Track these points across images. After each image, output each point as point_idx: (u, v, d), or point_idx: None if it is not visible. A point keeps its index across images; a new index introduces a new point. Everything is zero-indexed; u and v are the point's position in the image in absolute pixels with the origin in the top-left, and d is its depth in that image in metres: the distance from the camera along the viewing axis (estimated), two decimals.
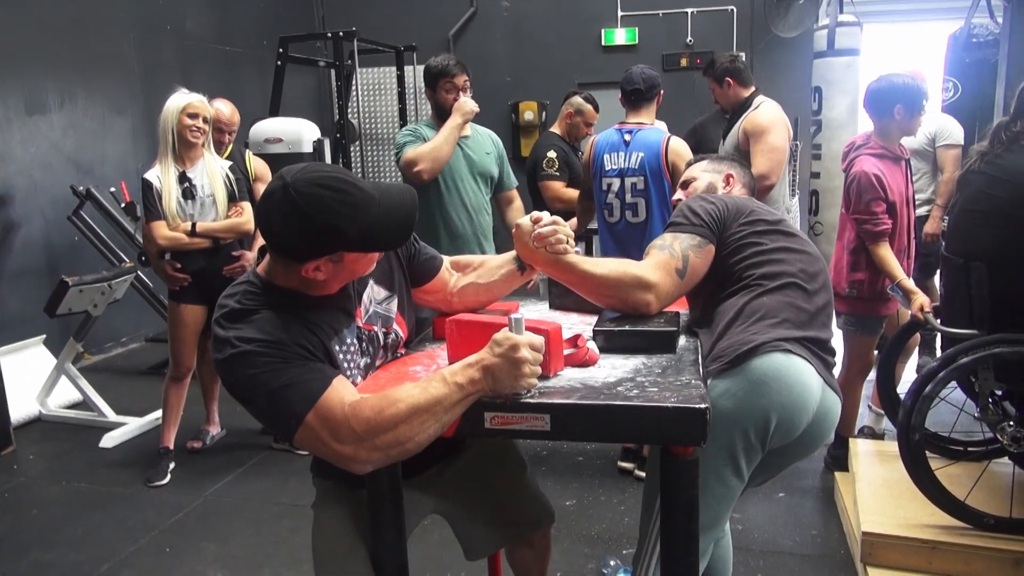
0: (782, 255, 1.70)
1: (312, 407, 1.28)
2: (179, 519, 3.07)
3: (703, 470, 1.48)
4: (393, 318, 1.60)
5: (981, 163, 2.34)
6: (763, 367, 1.54)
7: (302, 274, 1.36)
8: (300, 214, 1.28)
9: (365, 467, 1.29)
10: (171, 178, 3.23)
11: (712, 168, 2.07)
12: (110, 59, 5.58)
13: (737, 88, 3.55)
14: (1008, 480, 2.49)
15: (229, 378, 1.33)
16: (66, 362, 4.10)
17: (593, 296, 1.66)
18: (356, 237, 1.31)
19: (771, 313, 1.61)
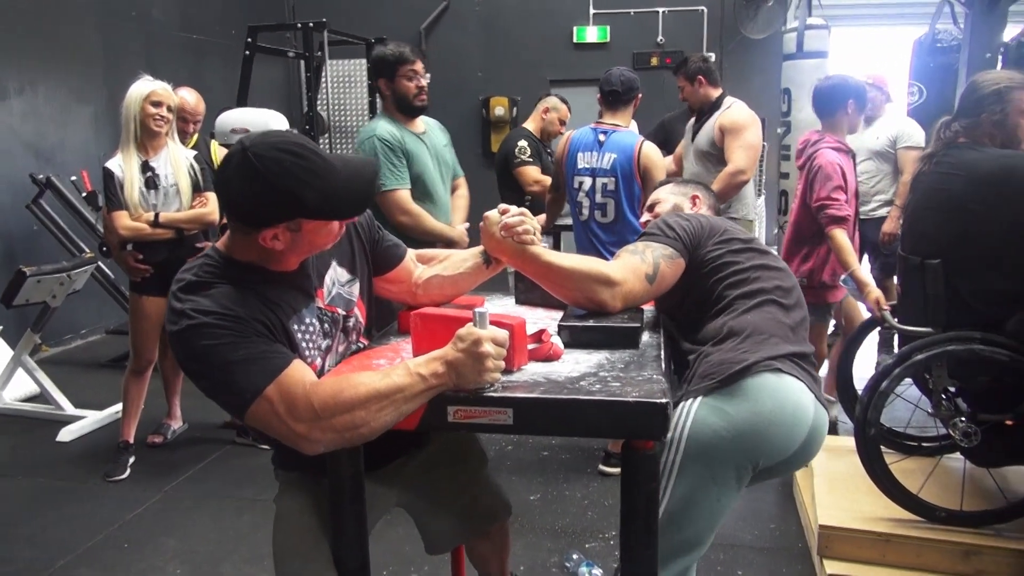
0: (759, 272, 1.74)
1: (272, 381, 1.26)
2: (138, 514, 3.03)
3: (692, 486, 1.55)
4: (354, 302, 1.59)
5: (930, 164, 2.40)
6: (756, 387, 1.55)
7: (259, 242, 1.33)
8: (259, 177, 1.26)
9: (316, 447, 1.28)
10: (133, 167, 3.17)
11: (678, 191, 2.12)
12: (72, 45, 5.46)
13: (707, 88, 3.60)
14: (959, 475, 2.56)
15: (183, 350, 1.30)
16: (23, 354, 4.01)
17: (557, 290, 1.66)
18: (314, 203, 1.29)
19: (757, 331, 1.63)
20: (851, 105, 3.12)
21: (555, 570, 2.60)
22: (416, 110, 3.01)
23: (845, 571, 2.39)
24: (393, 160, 2.89)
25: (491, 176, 4.43)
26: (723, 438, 1.54)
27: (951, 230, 2.31)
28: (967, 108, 2.36)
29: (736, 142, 3.38)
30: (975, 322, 2.31)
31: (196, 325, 1.28)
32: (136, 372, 3.40)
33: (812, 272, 3.13)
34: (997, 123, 2.29)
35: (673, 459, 1.56)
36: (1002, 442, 2.43)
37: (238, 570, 2.64)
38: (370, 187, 1.38)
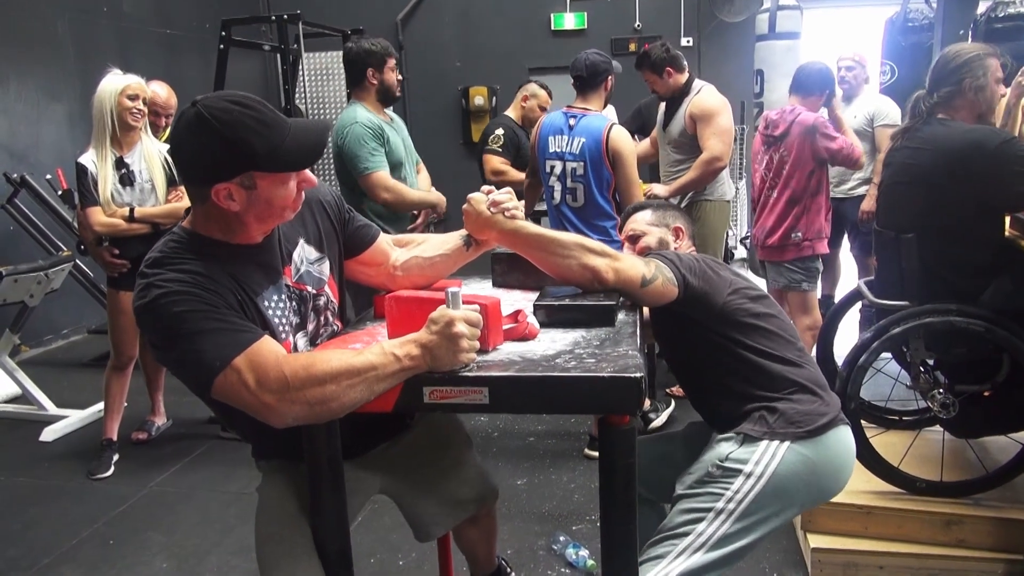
0: (775, 323, 1.78)
1: (242, 351, 1.25)
2: (123, 511, 3.01)
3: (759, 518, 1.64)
4: (325, 281, 1.58)
5: (903, 139, 2.42)
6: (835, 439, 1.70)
7: (214, 201, 1.31)
8: (208, 128, 1.26)
9: (285, 420, 1.26)
10: (107, 163, 3.13)
11: (658, 220, 2.03)
12: (43, 41, 5.38)
13: (677, 76, 3.58)
14: (939, 447, 2.59)
15: (152, 320, 1.28)
16: (2, 355, 3.97)
17: (548, 260, 1.63)
18: (264, 152, 1.28)
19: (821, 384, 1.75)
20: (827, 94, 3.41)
21: (542, 553, 2.61)
22: (395, 100, 3.26)
23: (829, 544, 2.41)
24: (374, 144, 3.07)
25: (472, 165, 4.43)
26: (804, 482, 1.67)
27: (922, 204, 2.33)
28: (944, 78, 2.36)
29: (709, 129, 3.38)
30: (951, 294, 2.33)
31: (165, 293, 1.27)
32: (117, 369, 3.38)
33: (807, 225, 3.37)
34: (979, 88, 2.31)
35: (750, 490, 1.64)
36: (980, 412, 2.46)
37: (225, 562, 2.64)
38: (320, 139, 1.36)
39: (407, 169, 3.24)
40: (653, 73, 3.60)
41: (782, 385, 1.73)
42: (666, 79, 3.58)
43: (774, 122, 3.46)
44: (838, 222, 4.44)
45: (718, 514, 1.64)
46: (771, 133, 3.47)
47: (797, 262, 3.40)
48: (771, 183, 3.50)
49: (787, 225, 3.36)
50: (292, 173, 1.36)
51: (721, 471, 1.66)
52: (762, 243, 3.56)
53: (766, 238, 3.50)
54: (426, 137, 6.22)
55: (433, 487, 1.81)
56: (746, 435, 1.68)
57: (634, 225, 2.04)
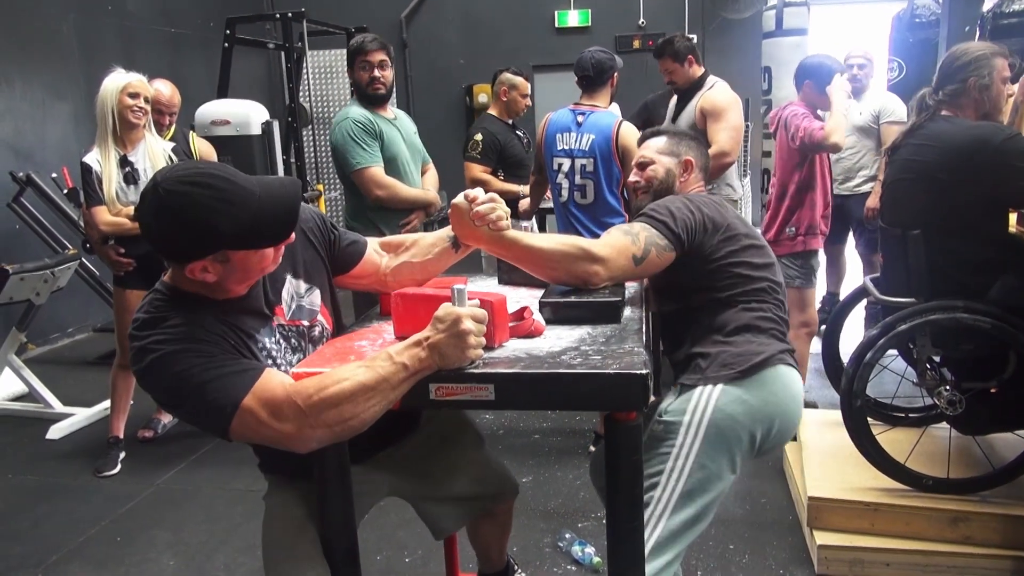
0: (761, 271, 1.78)
1: (249, 391, 1.25)
2: (130, 508, 3.02)
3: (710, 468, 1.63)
4: (317, 311, 1.56)
5: (907, 136, 2.41)
6: (772, 378, 1.69)
7: (187, 276, 1.30)
8: (170, 213, 1.23)
9: (309, 445, 1.27)
10: (111, 162, 3.14)
11: (671, 150, 1.97)
12: (48, 41, 5.40)
13: (696, 67, 3.57)
14: (945, 444, 2.58)
15: (154, 384, 1.28)
16: (9, 353, 3.98)
17: (538, 270, 1.65)
18: (232, 234, 1.25)
19: (768, 326, 1.75)
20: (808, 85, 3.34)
21: (548, 550, 2.61)
22: (371, 98, 3.15)
23: (835, 541, 2.41)
24: (366, 140, 3.06)
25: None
26: (742, 424, 1.65)
27: (927, 201, 2.32)
28: (950, 75, 2.36)
29: (719, 124, 3.37)
30: (957, 291, 2.32)
31: (161, 356, 1.26)
32: (123, 367, 3.38)
33: (799, 220, 3.33)
34: (984, 87, 2.31)
35: (692, 441, 1.64)
36: (986, 409, 2.45)
37: (231, 560, 2.64)
38: (292, 207, 1.31)
39: (406, 166, 3.21)
40: (675, 61, 3.55)
41: (725, 329, 1.72)
42: (686, 68, 3.55)
43: (771, 119, 3.51)
44: (843, 219, 4.43)
45: (670, 475, 1.63)
46: (769, 130, 3.53)
47: (791, 258, 3.36)
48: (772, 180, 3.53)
49: (781, 220, 3.36)
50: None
51: (663, 427, 1.67)
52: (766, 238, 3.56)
53: (764, 233, 3.49)
54: (430, 135, 6.19)
55: (444, 487, 1.81)
56: (682, 385, 1.70)
57: (645, 151, 1.99)
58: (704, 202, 1.81)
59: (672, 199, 1.81)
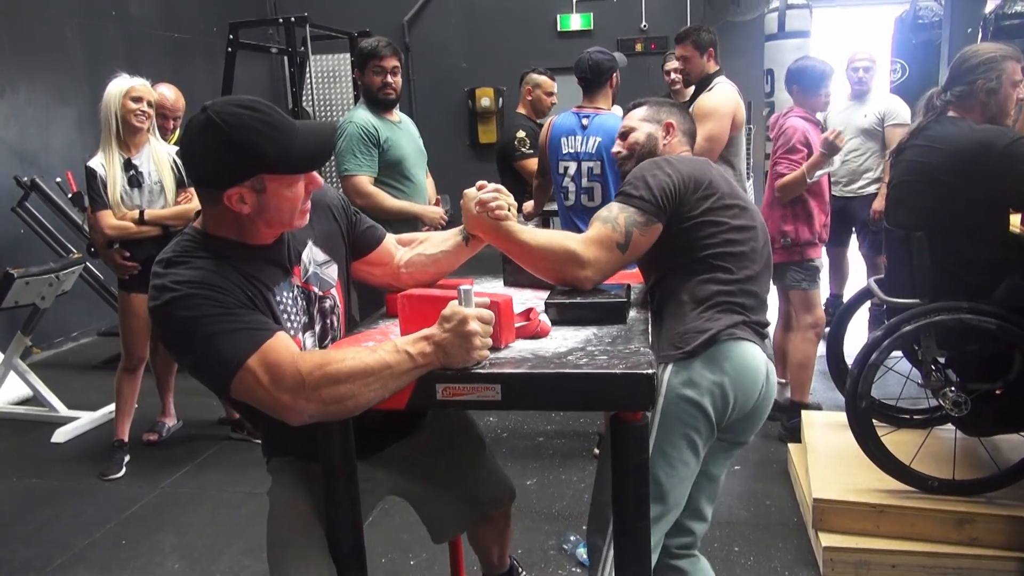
0: (737, 235, 1.70)
1: (256, 350, 1.26)
2: (135, 511, 3.03)
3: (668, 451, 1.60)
4: (332, 284, 1.59)
5: (912, 137, 2.41)
6: (724, 354, 1.62)
7: (226, 205, 1.33)
8: (218, 132, 1.28)
9: (301, 417, 1.27)
10: (116, 166, 3.15)
11: (652, 116, 1.95)
12: (53, 46, 5.42)
13: (712, 63, 3.47)
14: (951, 445, 2.58)
15: (166, 323, 1.29)
16: (14, 357, 3.99)
17: (531, 267, 1.68)
18: (274, 155, 1.30)
19: (725, 299, 1.66)
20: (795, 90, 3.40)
21: (553, 553, 2.61)
22: (381, 103, 3.17)
23: (840, 543, 2.40)
24: (361, 147, 3.06)
25: (479, 166, 4.43)
26: (695, 404, 1.60)
27: (932, 202, 2.32)
28: (958, 77, 2.36)
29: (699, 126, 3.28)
30: (962, 292, 2.32)
31: (179, 297, 1.28)
32: (128, 370, 3.39)
33: (796, 230, 3.31)
34: (991, 91, 2.30)
35: (651, 426, 1.61)
36: (992, 411, 2.45)
37: (236, 563, 2.64)
38: (328, 141, 1.40)
39: (413, 169, 3.23)
40: (696, 50, 3.43)
41: (683, 304, 1.67)
42: (706, 60, 3.44)
43: (771, 123, 3.52)
44: (846, 221, 4.43)
45: None
46: (770, 134, 3.52)
47: (792, 265, 3.36)
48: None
49: (775, 228, 3.31)
50: (301, 175, 1.38)
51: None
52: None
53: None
54: (433, 138, 6.21)
55: (446, 488, 1.81)
56: None
57: (627, 121, 1.98)
58: (683, 160, 1.76)
59: (647, 164, 1.75)
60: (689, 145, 1.97)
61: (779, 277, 3.43)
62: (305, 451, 1.37)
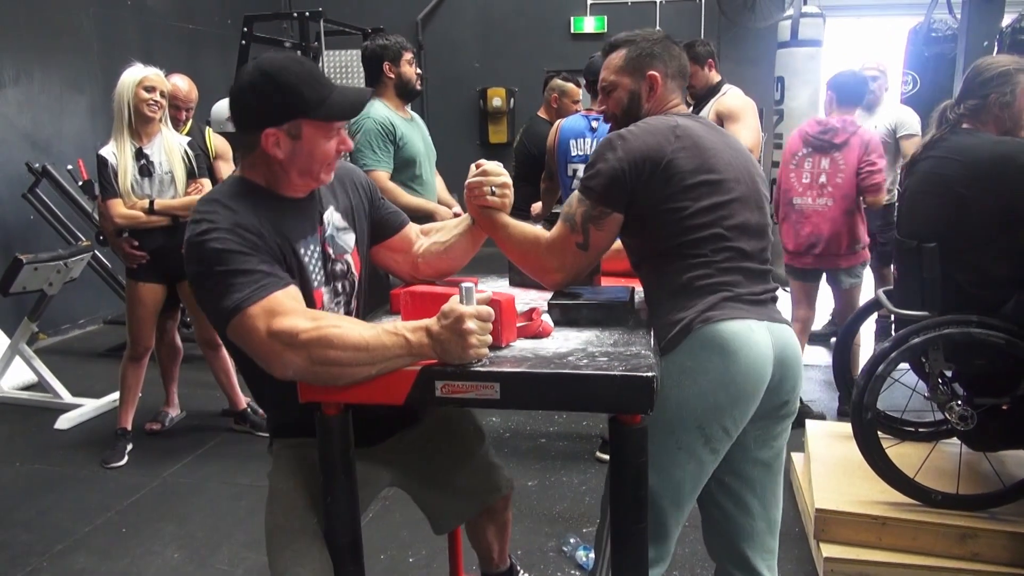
0: (704, 217, 1.53)
1: (263, 298, 1.31)
2: (136, 500, 3.03)
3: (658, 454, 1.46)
4: (348, 251, 1.62)
5: (927, 149, 2.40)
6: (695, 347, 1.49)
7: (263, 148, 1.41)
8: (264, 75, 1.40)
9: (285, 371, 1.29)
10: (127, 155, 3.16)
11: (632, 63, 1.71)
12: (68, 34, 5.45)
13: (714, 72, 3.54)
14: (956, 459, 2.56)
15: (196, 253, 1.35)
16: (20, 342, 4.01)
17: (512, 260, 1.70)
18: (313, 100, 1.40)
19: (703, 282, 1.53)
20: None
21: (552, 554, 2.60)
22: (415, 94, 3.26)
23: (842, 554, 2.39)
24: (380, 143, 3.08)
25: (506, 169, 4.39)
26: (677, 403, 1.49)
27: (946, 214, 2.30)
28: (972, 90, 2.34)
29: (738, 124, 3.29)
30: (972, 305, 2.30)
31: (213, 228, 1.35)
32: (133, 359, 3.40)
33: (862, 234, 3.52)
34: (1005, 104, 2.29)
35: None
36: (998, 426, 2.42)
37: (235, 554, 2.65)
38: (361, 98, 1.50)
39: (424, 167, 3.24)
40: (695, 63, 3.49)
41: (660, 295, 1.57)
42: (707, 72, 3.51)
43: (834, 129, 3.50)
44: None
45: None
46: (830, 139, 3.49)
47: (857, 267, 3.56)
48: (820, 190, 3.50)
49: (849, 235, 3.48)
50: (334, 130, 1.46)
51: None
52: (818, 251, 3.52)
53: (824, 246, 3.50)
54: (444, 137, 6.21)
55: (445, 479, 1.81)
56: None
57: (605, 72, 1.76)
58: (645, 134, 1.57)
59: (604, 142, 1.59)
60: (679, 88, 1.74)
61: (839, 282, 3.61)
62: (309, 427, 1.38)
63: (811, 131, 3.59)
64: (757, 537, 1.68)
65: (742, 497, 1.66)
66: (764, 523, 1.69)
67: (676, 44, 1.77)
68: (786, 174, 3.64)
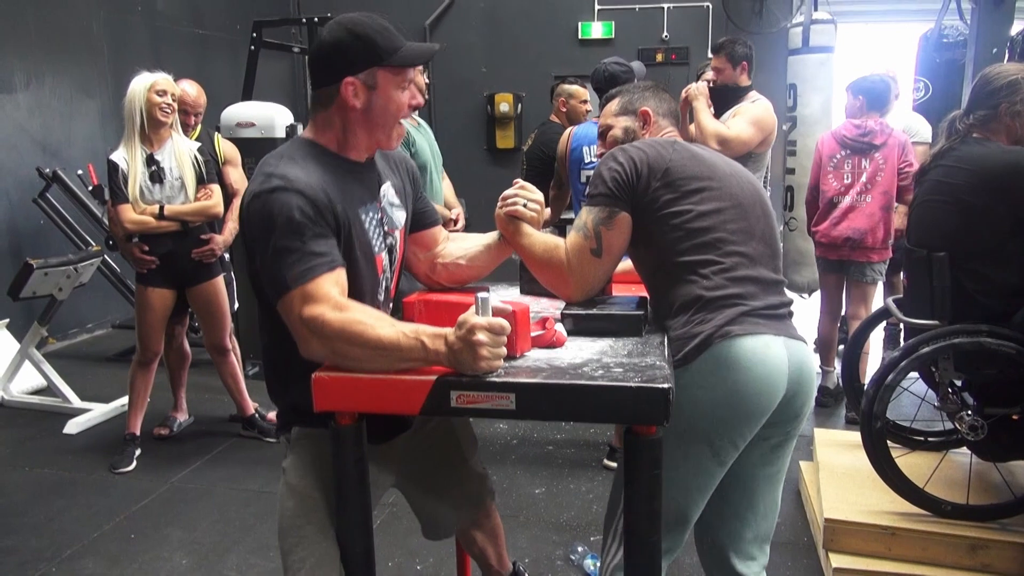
0: (706, 220, 1.56)
1: (306, 282, 1.34)
2: (144, 505, 3.04)
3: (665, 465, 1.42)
4: (398, 227, 1.66)
5: (937, 158, 2.39)
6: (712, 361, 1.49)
7: (341, 95, 1.46)
8: (341, 29, 1.48)
9: (309, 352, 1.37)
10: (138, 160, 3.17)
11: (626, 106, 1.84)
12: (78, 39, 5.48)
13: (744, 76, 3.47)
14: (966, 469, 2.55)
15: (261, 209, 1.38)
16: (30, 347, 4.03)
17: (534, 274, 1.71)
18: (388, 48, 1.47)
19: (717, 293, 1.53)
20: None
21: (560, 563, 2.60)
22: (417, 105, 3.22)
23: (851, 564, 2.38)
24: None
25: (496, 171, 4.41)
26: (689, 417, 1.50)
27: (956, 223, 2.30)
28: (981, 100, 2.34)
29: (740, 118, 3.24)
30: (982, 315, 2.30)
31: (283, 189, 1.38)
32: (142, 364, 3.41)
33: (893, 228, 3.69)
34: (1016, 113, 2.29)
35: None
36: (1009, 436, 2.41)
37: (243, 561, 2.65)
38: (430, 49, 1.58)
39: (433, 173, 3.26)
40: (729, 62, 3.45)
41: (673, 307, 1.56)
42: (737, 73, 3.45)
43: (873, 131, 3.64)
44: None
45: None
46: (870, 140, 3.64)
47: (884, 263, 3.70)
48: (863, 188, 3.65)
49: (885, 229, 3.63)
50: (407, 81, 1.52)
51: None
52: (854, 243, 3.66)
53: (860, 239, 3.65)
54: (451, 142, 6.25)
55: (444, 484, 1.83)
56: None
57: (603, 119, 1.88)
58: (641, 145, 1.65)
59: (603, 158, 1.67)
60: (672, 125, 1.84)
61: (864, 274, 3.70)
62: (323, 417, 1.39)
63: (848, 134, 3.70)
64: (745, 546, 1.71)
65: (739, 504, 1.68)
66: (753, 533, 1.71)
67: (666, 91, 1.90)
68: (824, 175, 3.76)
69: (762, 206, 1.67)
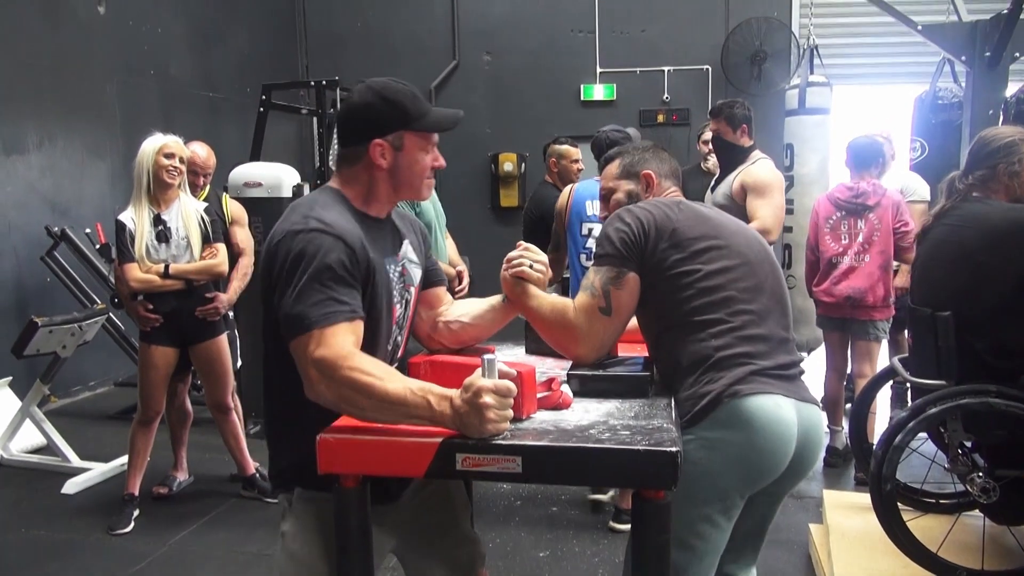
0: (716, 279, 1.58)
1: (323, 327, 1.36)
2: (142, 568, 2.98)
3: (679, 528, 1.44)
4: (415, 283, 1.69)
5: (941, 218, 2.42)
6: (723, 421, 1.50)
7: (369, 155, 1.52)
8: (373, 92, 1.54)
9: (315, 396, 1.38)
10: (145, 220, 3.22)
11: (627, 170, 1.85)
12: (91, 101, 5.60)
13: (745, 138, 3.55)
14: (979, 533, 2.50)
15: (293, 246, 1.40)
16: (32, 405, 4.00)
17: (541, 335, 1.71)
18: (415, 112, 1.53)
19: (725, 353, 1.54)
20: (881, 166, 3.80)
21: None
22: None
23: None
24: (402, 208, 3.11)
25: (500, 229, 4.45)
26: (701, 476, 1.49)
27: (961, 282, 2.31)
28: (979, 161, 2.39)
29: (761, 199, 3.29)
30: (989, 374, 2.29)
31: (324, 232, 1.41)
32: (143, 423, 3.39)
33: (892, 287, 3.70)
34: (1013, 173, 2.33)
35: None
36: (1021, 498, 2.38)
37: None
38: (456, 116, 1.62)
39: (437, 232, 3.29)
40: (728, 126, 3.54)
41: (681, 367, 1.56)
42: (737, 136, 3.53)
43: (866, 192, 3.68)
44: None
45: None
46: (863, 202, 3.67)
47: (887, 321, 3.71)
48: (860, 248, 3.68)
49: (885, 287, 3.65)
50: (431, 145, 1.58)
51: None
52: (855, 301, 3.66)
53: (860, 297, 3.66)
54: (455, 201, 6.31)
55: (436, 546, 1.79)
56: None
57: (604, 182, 1.90)
58: (647, 207, 1.67)
59: (609, 219, 1.69)
60: (675, 186, 1.87)
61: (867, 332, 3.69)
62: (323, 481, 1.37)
63: (842, 196, 3.74)
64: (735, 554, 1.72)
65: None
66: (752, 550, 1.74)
67: (665, 151, 1.92)
68: (822, 236, 3.78)
69: (770, 263, 1.70)
